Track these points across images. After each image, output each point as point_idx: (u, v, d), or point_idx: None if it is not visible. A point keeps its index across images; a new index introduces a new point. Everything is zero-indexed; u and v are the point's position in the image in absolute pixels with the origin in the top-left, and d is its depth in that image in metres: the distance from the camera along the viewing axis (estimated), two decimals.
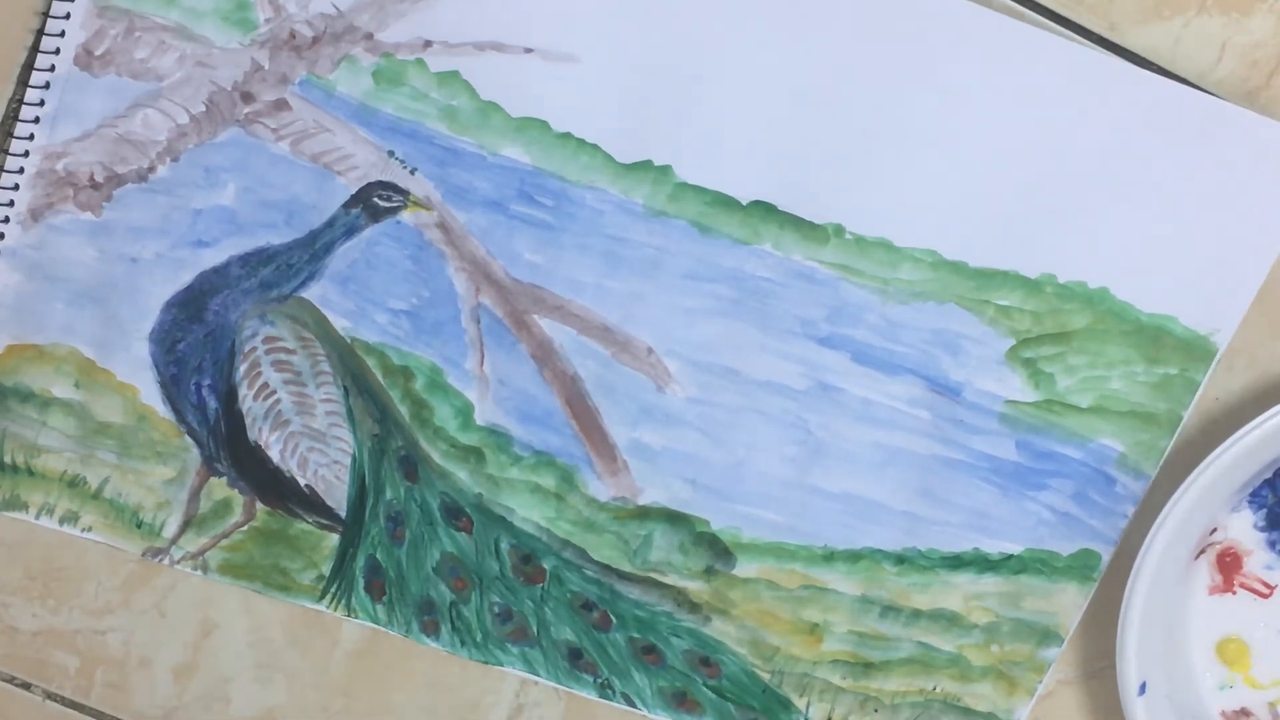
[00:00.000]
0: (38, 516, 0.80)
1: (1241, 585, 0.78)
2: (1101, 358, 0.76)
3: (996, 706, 0.80)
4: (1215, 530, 0.77)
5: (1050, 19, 0.73)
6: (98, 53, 0.74)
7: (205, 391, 0.78)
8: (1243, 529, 0.77)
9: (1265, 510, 0.77)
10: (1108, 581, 0.78)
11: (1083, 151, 0.73)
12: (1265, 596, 0.78)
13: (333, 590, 0.80)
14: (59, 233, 0.76)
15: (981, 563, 0.78)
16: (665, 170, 0.74)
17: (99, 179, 0.76)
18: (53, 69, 0.74)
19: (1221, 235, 0.74)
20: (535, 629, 0.80)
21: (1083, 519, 0.77)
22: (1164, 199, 0.74)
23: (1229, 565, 0.78)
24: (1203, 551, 0.78)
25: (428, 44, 0.74)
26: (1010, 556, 0.78)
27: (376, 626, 0.81)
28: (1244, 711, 0.79)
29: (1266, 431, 0.73)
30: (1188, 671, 0.79)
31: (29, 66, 0.75)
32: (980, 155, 0.74)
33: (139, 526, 0.80)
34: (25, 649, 0.82)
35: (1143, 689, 0.76)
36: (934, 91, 0.73)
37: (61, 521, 0.80)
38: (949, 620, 0.79)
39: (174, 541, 0.80)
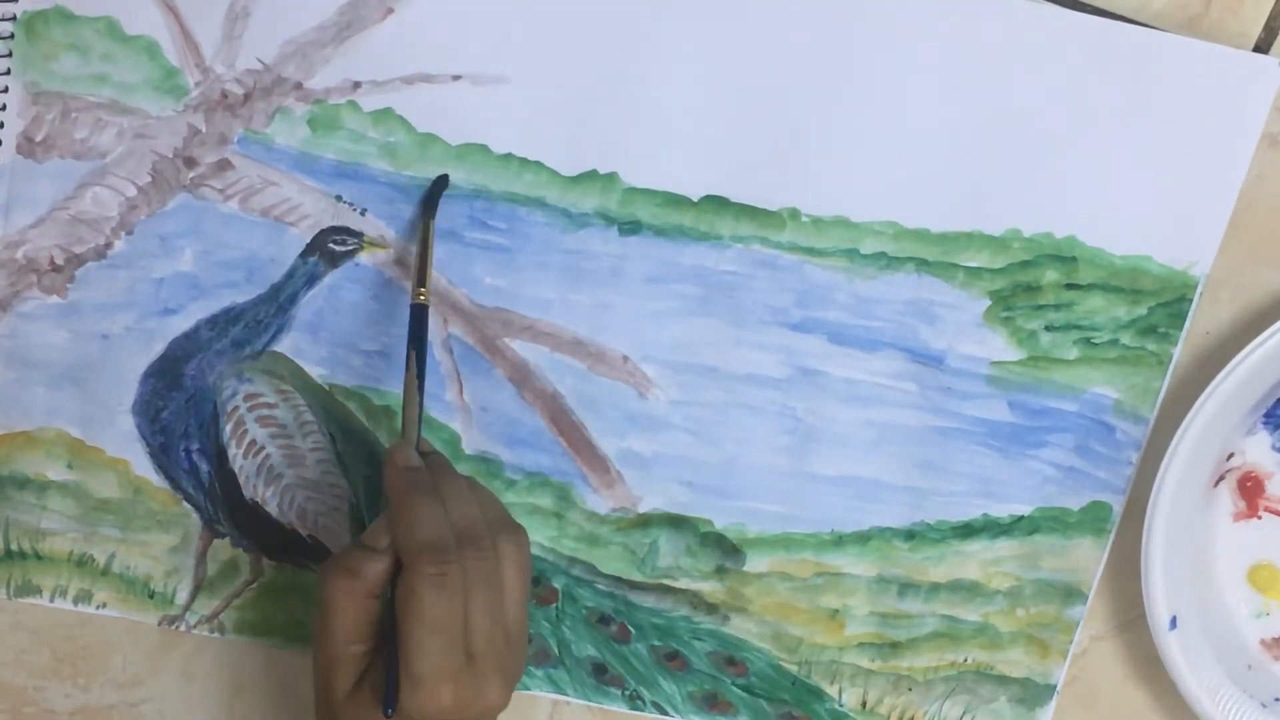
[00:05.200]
0: (52, 599, 0.90)
1: (1266, 509, 0.86)
2: (1081, 306, 0.84)
3: (1032, 671, 0.89)
4: (1232, 456, 0.84)
5: None
6: (38, 139, 0.84)
7: (195, 456, 0.88)
8: (1261, 451, 0.85)
9: None
10: (1127, 531, 0.86)
11: (1031, 102, 0.81)
12: None
13: None
14: (29, 319, 0.86)
15: (993, 528, 0.86)
16: (611, 178, 0.83)
17: (59, 261, 0.86)
18: None
19: (1184, 167, 0.82)
20: (556, 649, 0.90)
21: (1088, 471, 0.85)
22: (1120, 139, 0.81)
23: (1251, 490, 0.85)
24: (1222, 478, 0.85)
25: (357, 85, 0.83)
26: (1021, 518, 0.86)
27: None
28: None
29: (1265, 354, 0.81)
30: (1220, 603, 0.87)
31: None
32: (927, 120, 0.82)
33: (152, 596, 0.90)
34: None
35: (1173, 623, 0.84)
36: (872, 61, 0.82)
37: (76, 601, 0.90)
38: (969, 590, 0.88)
39: (187, 607, 0.90)
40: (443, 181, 0.84)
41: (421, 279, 0.82)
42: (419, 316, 0.81)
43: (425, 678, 0.72)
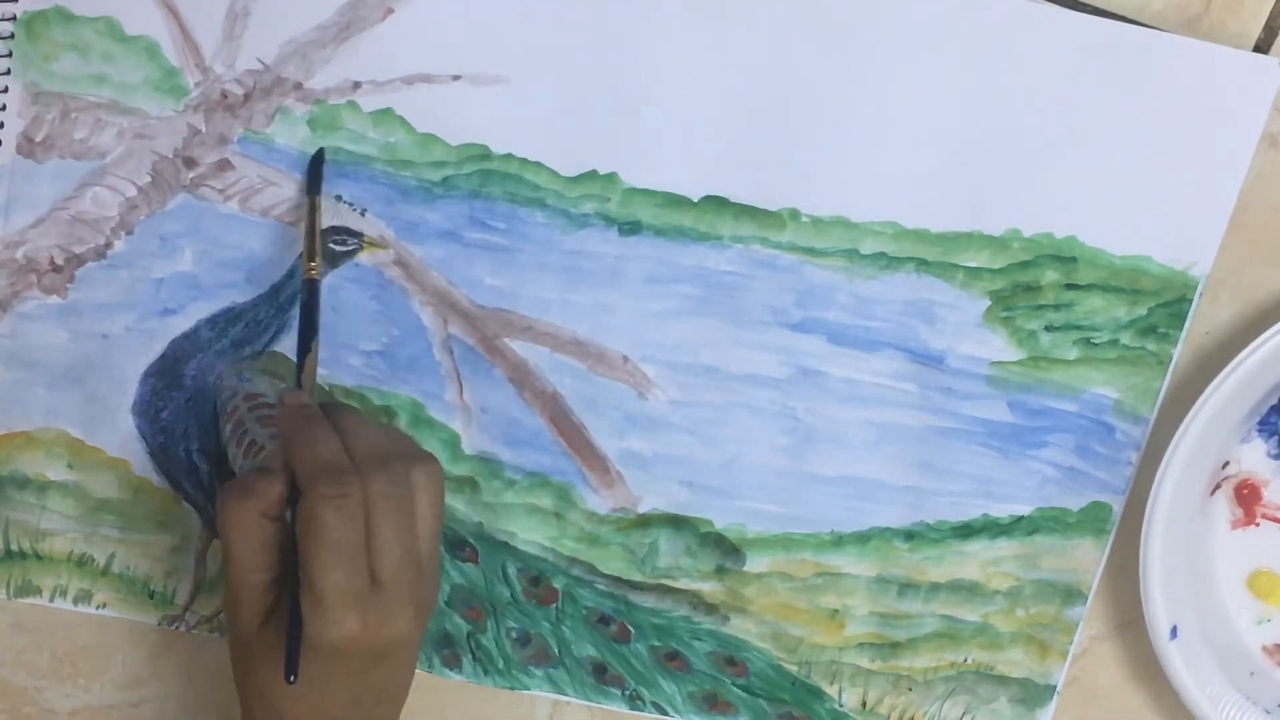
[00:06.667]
0: (52, 599, 0.91)
1: (1264, 516, 0.86)
2: (1081, 307, 0.84)
3: (1031, 671, 0.89)
4: (1228, 464, 0.85)
5: None
6: (38, 139, 0.85)
7: (195, 456, 0.88)
8: (1256, 459, 0.85)
9: (1277, 437, 0.85)
10: (1126, 532, 0.87)
11: (1031, 102, 0.82)
12: None
13: None
14: (29, 319, 0.87)
15: (993, 528, 0.87)
16: (611, 178, 0.83)
17: (59, 261, 0.86)
18: None
19: (1184, 167, 0.82)
20: (556, 649, 0.90)
21: (1088, 471, 0.86)
22: (1120, 139, 0.82)
23: (1248, 497, 0.86)
24: (1218, 486, 0.85)
25: (357, 85, 0.83)
26: (1020, 518, 0.87)
27: None
28: None
29: (1264, 355, 0.81)
30: (1221, 611, 0.87)
31: None
32: (927, 120, 0.82)
33: (151, 597, 0.91)
34: None
35: (1174, 633, 0.84)
36: (872, 62, 0.82)
37: (76, 601, 0.91)
38: (969, 590, 0.88)
39: (187, 607, 0.91)
40: (319, 156, 0.84)
41: (311, 253, 0.83)
42: (310, 290, 0.82)
43: (329, 602, 0.71)
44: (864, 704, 0.91)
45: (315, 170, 0.84)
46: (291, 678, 0.72)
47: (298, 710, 0.75)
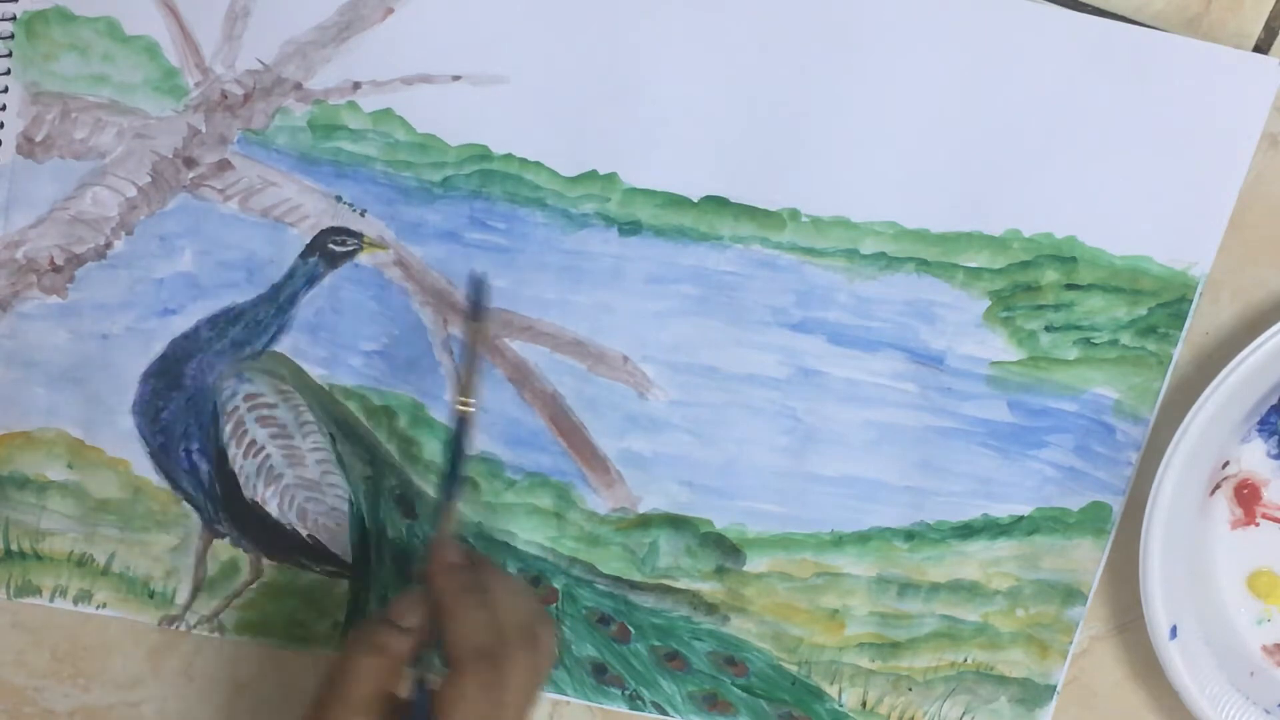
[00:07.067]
0: (52, 599, 0.91)
1: (1264, 516, 0.86)
2: (1081, 307, 0.84)
3: (1031, 671, 0.89)
4: (1228, 464, 0.85)
5: None
6: (38, 139, 0.85)
7: (195, 456, 0.89)
8: (1256, 459, 0.86)
9: (1277, 437, 0.85)
10: (1126, 532, 0.87)
11: (1031, 102, 0.82)
12: None
13: None
14: (29, 319, 0.87)
15: (993, 528, 0.87)
16: (611, 178, 0.84)
17: (59, 262, 0.86)
18: None
19: (1184, 167, 0.82)
20: (556, 649, 0.90)
21: (1088, 472, 0.86)
22: (1120, 139, 0.82)
23: (1248, 497, 0.86)
24: (1218, 486, 0.86)
25: (357, 85, 0.83)
26: (1020, 518, 0.87)
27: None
28: None
29: (1264, 355, 0.81)
30: (1221, 610, 0.87)
31: None
32: (927, 120, 0.82)
33: (151, 596, 0.91)
34: None
35: (1174, 633, 0.85)
36: (872, 62, 0.82)
37: (76, 601, 0.91)
38: (969, 590, 0.88)
39: (187, 607, 0.91)
40: (480, 283, 0.82)
41: (466, 389, 0.81)
42: (462, 424, 0.80)
43: None
44: (864, 704, 0.91)
45: (481, 294, 0.82)
46: None
47: None
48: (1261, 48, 0.82)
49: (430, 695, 0.74)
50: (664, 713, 0.92)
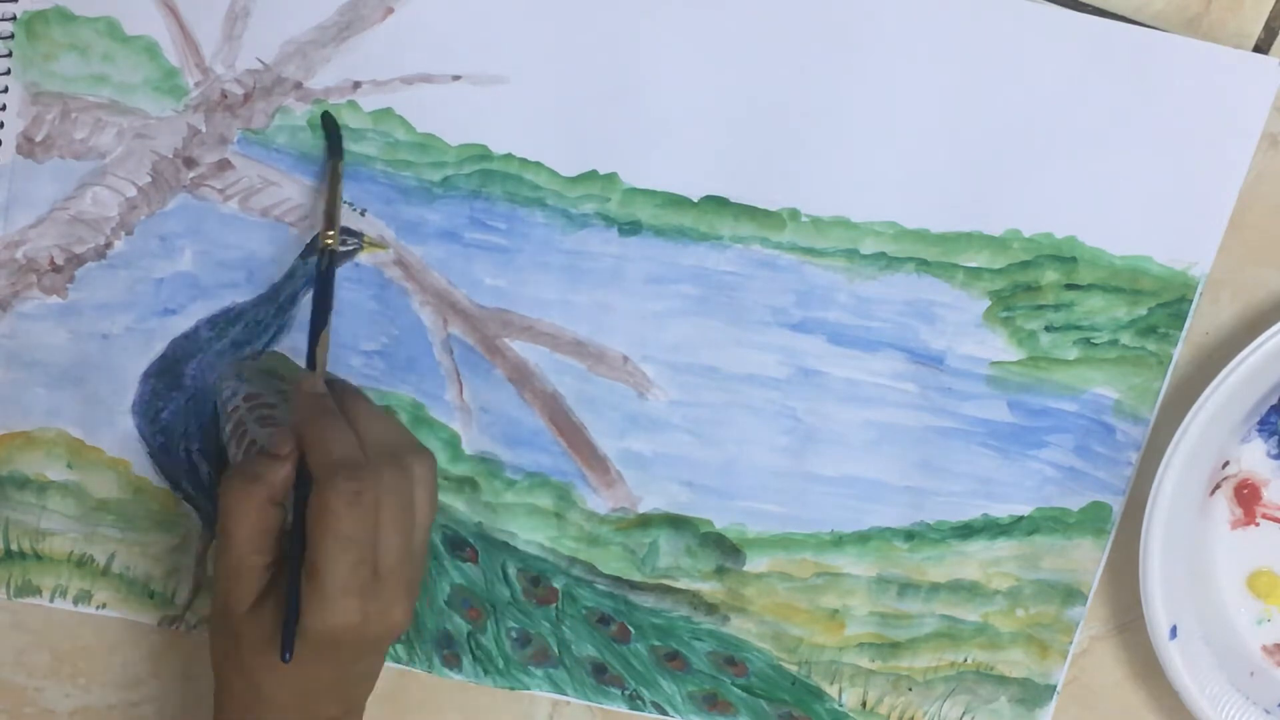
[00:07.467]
0: (52, 599, 0.91)
1: (1264, 516, 0.86)
2: (1080, 307, 0.84)
3: (1031, 671, 0.89)
4: (1228, 464, 0.85)
5: None
6: (38, 138, 0.85)
7: (195, 456, 0.89)
8: (1256, 458, 0.86)
9: (1277, 437, 0.85)
10: (1126, 532, 0.87)
11: (1031, 102, 0.82)
12: None
13: None
14: (29, 319, 0.87)
15: (993, 528, 0.87)
16: (611, 178, 0.84)
17: (59, 261, 0.86)
18: None
19: (1184, 167, 0.82)
20: (556, 649, 0.90)
21: (1088, 472, 0.86)
22: (1120, 139, 0.82)
23: (1248, 497, 0.86)
24: (1218, 486, 0.86)
25: (357, 85, 0.83)
26: (1020, 519, 0.87)
27: (400, 666, 0.91)
28: None
29: (1264, 355, 0.81)
30: (1221, 611, 0.87)
31: None
32: (927, 120, 0.83)
33: (151, 597, 0.91)
34: None
35: (1174, 633, 0.85)
36: (872, 61, 0.82)
37: (76, 601, 0.91)
38: (969, 590, 0.88)
39: (187, 607, 0.91)
40: (331, 118, 0.84)
41: (330, 220, 0.83)
42: (328, 261, 0.83)
43: (334, 593, 0.73)
44: (864, 704, 0.91)
45: (333, 133, 0.84)
46: (287, 656, 0.74)
47: (280, 689, 0.77)
48: (1261, 48, 0.82)
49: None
50: (664, 713, 0.92)
